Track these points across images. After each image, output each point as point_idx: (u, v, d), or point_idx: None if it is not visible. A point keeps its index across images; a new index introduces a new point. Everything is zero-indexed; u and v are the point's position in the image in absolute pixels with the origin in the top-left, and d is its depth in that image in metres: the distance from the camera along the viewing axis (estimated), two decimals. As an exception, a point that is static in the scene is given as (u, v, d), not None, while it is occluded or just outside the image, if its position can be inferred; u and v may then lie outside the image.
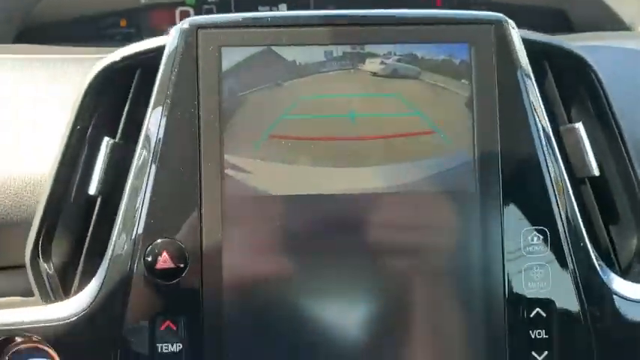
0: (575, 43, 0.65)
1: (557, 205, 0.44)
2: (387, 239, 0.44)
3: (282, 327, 0.43)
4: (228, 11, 0.78)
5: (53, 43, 0.69)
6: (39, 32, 0.73)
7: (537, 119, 0.44)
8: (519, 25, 0.47)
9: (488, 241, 0.43)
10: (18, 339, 0.45)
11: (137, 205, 0.43)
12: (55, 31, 0.74)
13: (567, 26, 0.77)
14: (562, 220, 0.43)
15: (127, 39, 0.77)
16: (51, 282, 0.46)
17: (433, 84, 0.44)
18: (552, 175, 0.44)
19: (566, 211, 0.44)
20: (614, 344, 0.44)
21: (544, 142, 0.44)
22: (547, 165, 0.44)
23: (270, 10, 0.77)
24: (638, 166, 0.47)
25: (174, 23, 0.74)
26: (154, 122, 0.44)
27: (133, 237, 0.43)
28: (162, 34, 0.47)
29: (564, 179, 0.44)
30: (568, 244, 0.43)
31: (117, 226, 0.44)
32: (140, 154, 0.44)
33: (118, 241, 0.43)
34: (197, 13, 0.77)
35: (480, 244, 0.43)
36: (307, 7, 0.77)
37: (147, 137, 0.44)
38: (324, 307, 0.43)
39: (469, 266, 0.43)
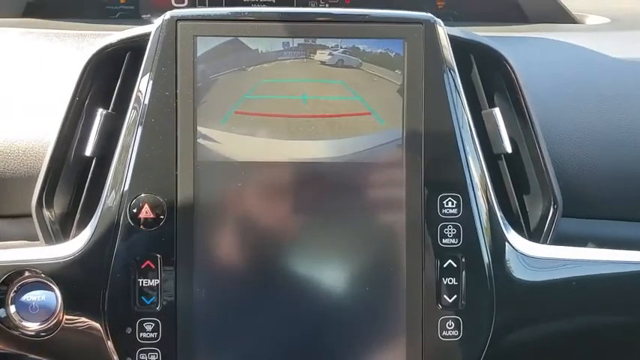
0: (518, 34, 0.74)
1: (470, 175, 0.52)
2: (330, 200, 0.53)
3: (245, 265, 0.52)
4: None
5: (59, 17, 0.77)
6: (46, 6, 0.81)
7: (456, 105, 0.53)
8: (477, 16, 0.54)
9: (411, 203, 0.52)
10: (26, 273, 0.53)
11: (125, 164, 0.52)
12: (62, 5, 0.82)
13: (523, 18, 0.85)
14: (473, 188, 0.52)
15: (127, 16, 0.86)
16: (53, 228, 0.55)
17: (372, 73, 0.53)
18: (467, 151, 0.52)
19: (478, 181, 0.53)
20: (510, 293, 0.53)
21: (461, 123, 0.52)
22: (462, 142, 0.52)
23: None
24: (544, 145, 0.56)
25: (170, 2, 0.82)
26: (140, 96, 0.52)
27: (121, 191, 0.52)
28: (158, 11, 0.55)
29: (478, 154, 0.53)
30: (477, 208, 0.52)
31: (108, 182, 0.52)
32: (129, 117, 0.52)
33: (108, 195, 0.52)
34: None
35: (404, 205, 0.52)
36: (291, 4, 0.85)
37: (134, 106, 0.52)
38: (277, 251, 0.52)
39: (395, 224, 0.52)
